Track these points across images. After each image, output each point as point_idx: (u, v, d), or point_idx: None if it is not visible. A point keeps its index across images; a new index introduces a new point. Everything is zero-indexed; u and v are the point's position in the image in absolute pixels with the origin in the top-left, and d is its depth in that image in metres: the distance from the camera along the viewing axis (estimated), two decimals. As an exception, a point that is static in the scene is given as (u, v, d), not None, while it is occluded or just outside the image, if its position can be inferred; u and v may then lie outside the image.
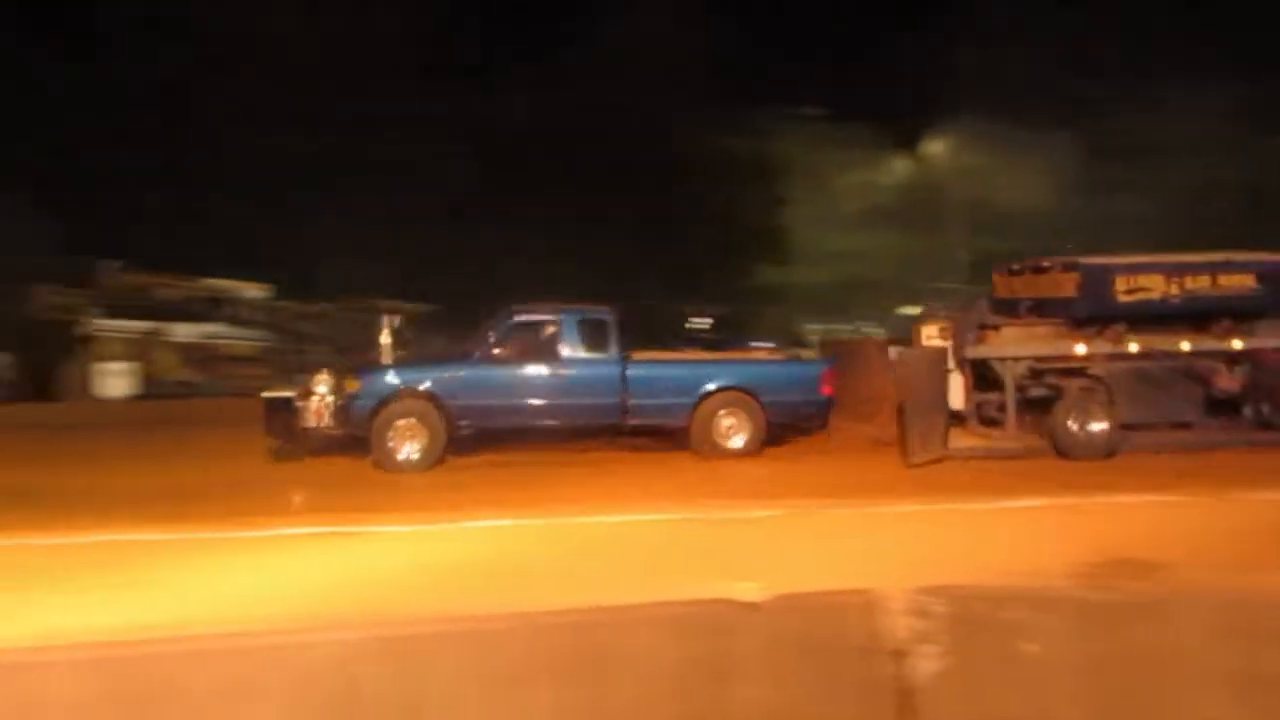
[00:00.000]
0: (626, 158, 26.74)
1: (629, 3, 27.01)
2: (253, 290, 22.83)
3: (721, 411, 14.08)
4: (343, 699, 4.67)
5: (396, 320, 15.04)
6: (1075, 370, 14.25)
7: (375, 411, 13.40)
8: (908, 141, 28.43)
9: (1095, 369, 14.19)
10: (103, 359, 21.38)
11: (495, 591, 7.92)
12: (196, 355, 21.50)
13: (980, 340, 14.36)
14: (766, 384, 14.33)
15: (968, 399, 14.26)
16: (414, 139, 25.26)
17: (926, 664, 4.73)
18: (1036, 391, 14.23)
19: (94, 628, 6.25)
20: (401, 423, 13.43)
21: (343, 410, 13.46)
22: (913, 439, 13.09)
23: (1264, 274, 14.10)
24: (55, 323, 20.25)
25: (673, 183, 27.15)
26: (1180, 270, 14.16)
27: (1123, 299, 14.12)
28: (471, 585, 8.30)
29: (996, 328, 14.55)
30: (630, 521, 10.52)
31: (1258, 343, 14.10)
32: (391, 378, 13.82)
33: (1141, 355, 14.12)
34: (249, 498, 12.03)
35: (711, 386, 14.16)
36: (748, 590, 4.91)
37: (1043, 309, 14.68)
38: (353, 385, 13.65)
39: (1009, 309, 14.96)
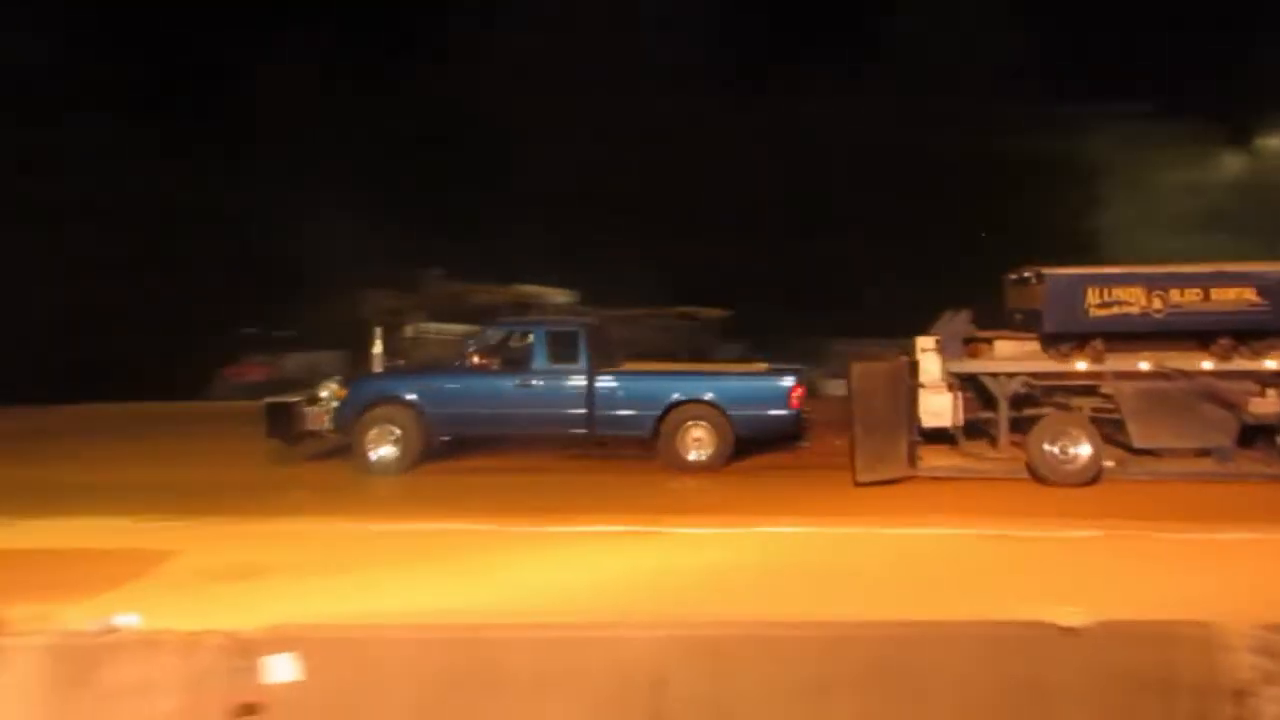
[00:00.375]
0: (934, 161, 26.04)
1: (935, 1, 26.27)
2: (560, 296, 23.76)
3: (687, 424, 14.20)
4: (652, 694, 4.79)
5: (414, 330, 16.18)
6: (1086, 389, 13.31)
7: (358, 417, 14.27)
8: (1240, 137, 26.27)
9: (1105, 388, 13.19)
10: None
11: (795, 598, 7.91)
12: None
13: (972, 354, 13.53)
14: (732, 398, 14.26)
15: (955, 415, 13.39)
16: (715, 147, 25.55)
17: (1274, 709, 4.33)
18: (1045, 410, 13.40)
19: (431, 609, 6.73)
20: (377, 429, 14.22)
21: (335, 415, 14.40)
22: (861, 456, 12.80)
23: (1266, 287, 12.73)
24: (384, 325, 21.80)
25: (984, 185, 26.23)
26: (1164, 282, 12.94)
27: (1095, 314, 12.99)
28: (768, 590, 8.34)
29: (989, 341, 13.67)
30: (920, 535, 10.33)
31: None
32: (375, 385, 14.72)
33: (1157, 374, 12.98)
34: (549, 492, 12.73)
35: (675, 399, 14.24)
36: (1068, 614, 4.66)
37: (1028, 322, 13.73)
38: (340, 392, 14.57)
39: (1009, 321, 14.14)
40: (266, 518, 11.63)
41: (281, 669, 4.87)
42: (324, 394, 14.70)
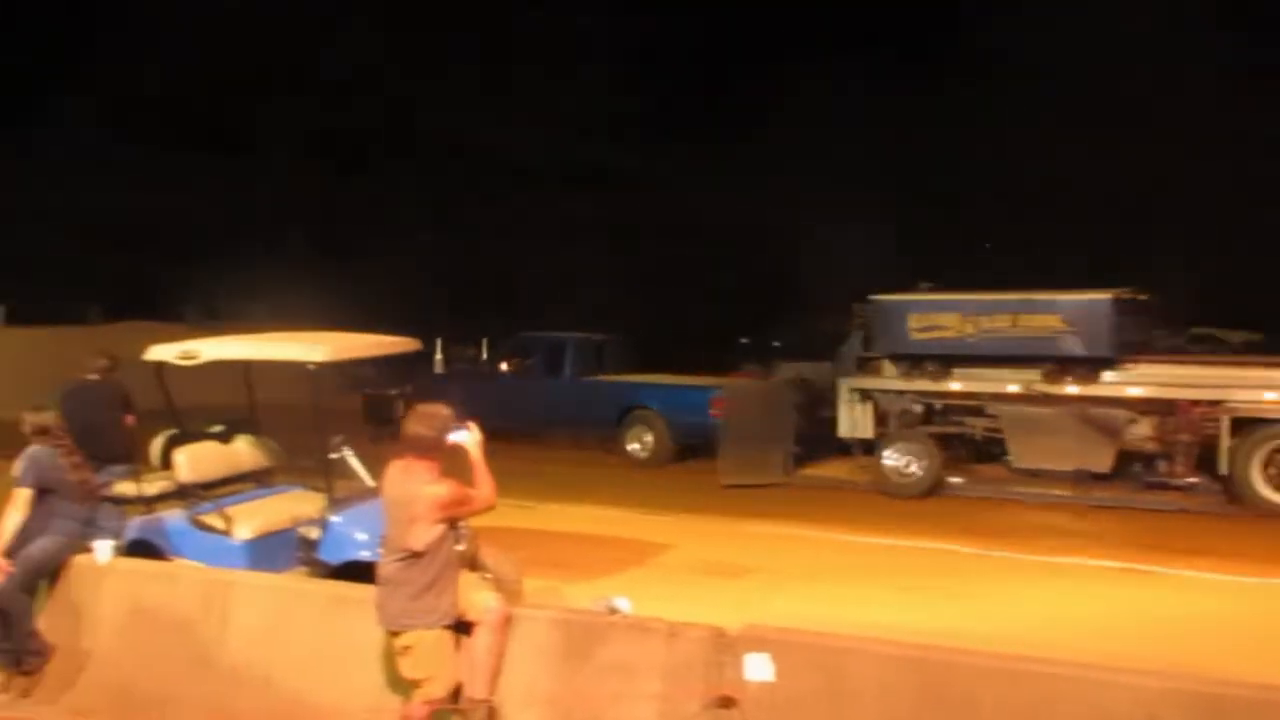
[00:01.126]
0: None
1: None
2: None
3: (637, 426, 16.57)
4: (1138, 744, 4.45)
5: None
6: (976, 410, 13.98)
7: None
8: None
9: (990, 409, 13.86)
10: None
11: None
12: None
13: (869, 373, 14.73)
14: (667, 405, 16.50)
15: (861, 428, 14.64)
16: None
17: None
18: (943, 427, 14.23)
19: (904, 626, 6.73)
20: None
21: None
22: (723, 463, 14.53)
23: (1070, 316, 13.19)
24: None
25: None
26: (976, 309, 13.72)
27: (917, 337, 14.00)
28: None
29: (879, 360, 14.72)
30: None
31: (1166, 392, 12.90)
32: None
33: (1025, 398, 13.48)
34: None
35: (628, 405, 16.71)
36: None
37: None
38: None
39: None
40: (753, 519, 12.17)
41: (758, 668, 5.07)
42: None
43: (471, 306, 25.11)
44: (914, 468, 13.85)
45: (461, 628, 5.54)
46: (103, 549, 6.81)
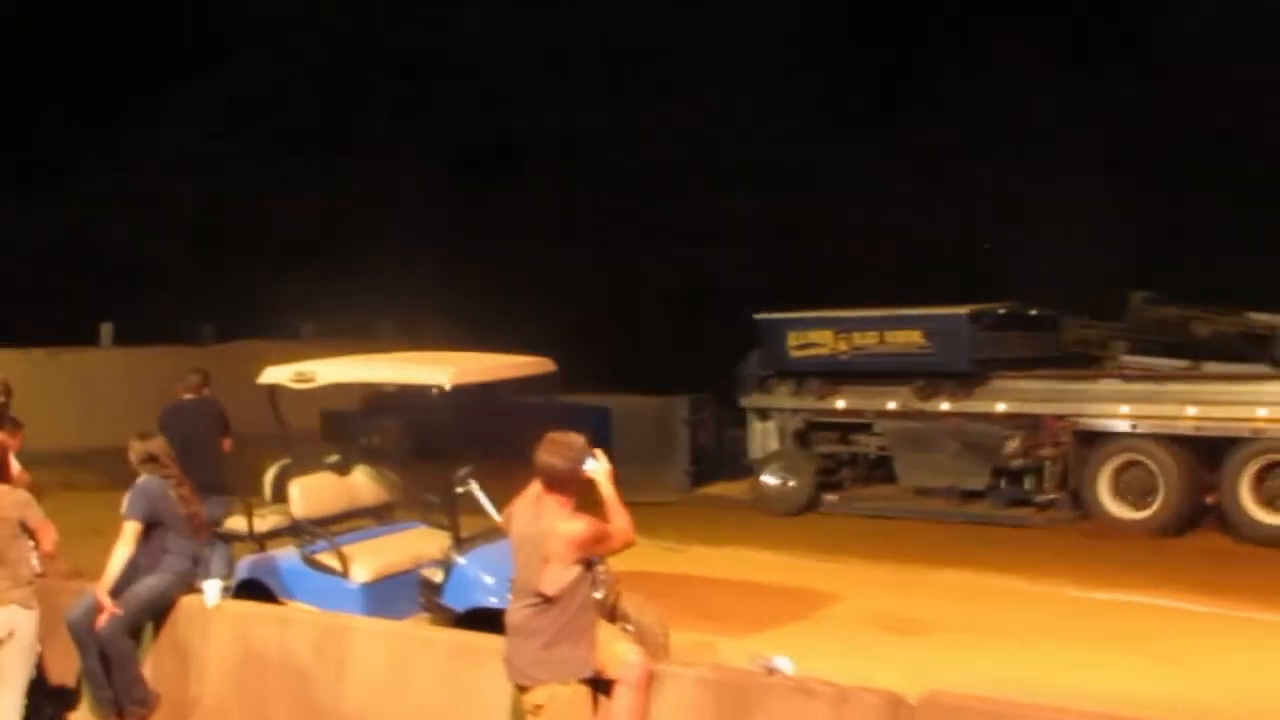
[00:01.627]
0: None
1: None
2: (1307, 329, 21.44)
3: None
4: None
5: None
6: (863, 427, 15.41)
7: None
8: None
9: (877, 426, 15.21)
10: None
11: None
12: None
13: (767, 390, 16.07)
14: (575, 424, 15.16)
15: (762, 446, 16.02)
16: None
17: None
18: (834, 445, 15.75)
19: (1106, 694, 6.47)
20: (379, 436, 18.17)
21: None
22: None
23: (933, 330, 14.54)
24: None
25: None
26: (847, 326, 15.12)
27: (796, 354, 15.51)
28: None
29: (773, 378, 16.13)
30: None
31: (1026, 406, 14.15)
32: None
33: (904, 414, 14.81)
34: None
35: (542, 423, 15.76)
36: None
37: None
38: None
39: None
40: (928, 566, 11.89)
41: (942, 740, 4.92)
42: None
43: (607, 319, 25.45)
44: (790, 484, 15.32)
45: (599, 685, 5.53)
46: (211, 590, 7.03)
